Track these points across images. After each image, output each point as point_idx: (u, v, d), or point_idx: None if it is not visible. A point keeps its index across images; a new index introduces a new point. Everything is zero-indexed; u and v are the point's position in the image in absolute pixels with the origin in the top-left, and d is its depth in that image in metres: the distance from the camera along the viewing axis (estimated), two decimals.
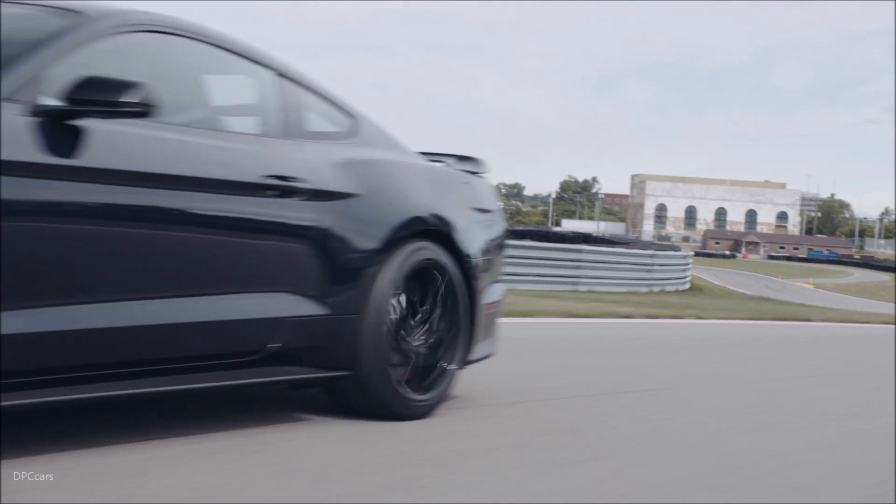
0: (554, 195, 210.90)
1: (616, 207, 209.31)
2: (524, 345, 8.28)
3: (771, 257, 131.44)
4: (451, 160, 5.29)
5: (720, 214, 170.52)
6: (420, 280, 4.54)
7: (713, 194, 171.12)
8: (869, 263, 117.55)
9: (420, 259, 4.50)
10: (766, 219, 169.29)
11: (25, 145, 3.19)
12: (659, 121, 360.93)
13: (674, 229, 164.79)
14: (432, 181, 4.79)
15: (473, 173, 5.25)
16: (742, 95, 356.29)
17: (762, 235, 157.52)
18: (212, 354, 3.84)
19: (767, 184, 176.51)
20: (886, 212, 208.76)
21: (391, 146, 4.82)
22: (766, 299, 29.24)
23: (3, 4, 3.83)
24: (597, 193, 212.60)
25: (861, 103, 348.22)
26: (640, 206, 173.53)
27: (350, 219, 4.26)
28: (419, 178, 4.73)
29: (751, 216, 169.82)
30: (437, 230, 4.60)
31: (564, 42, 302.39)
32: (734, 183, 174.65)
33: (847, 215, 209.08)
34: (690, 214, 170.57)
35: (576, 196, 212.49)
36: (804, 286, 52.00)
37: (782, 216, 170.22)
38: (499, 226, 5.21)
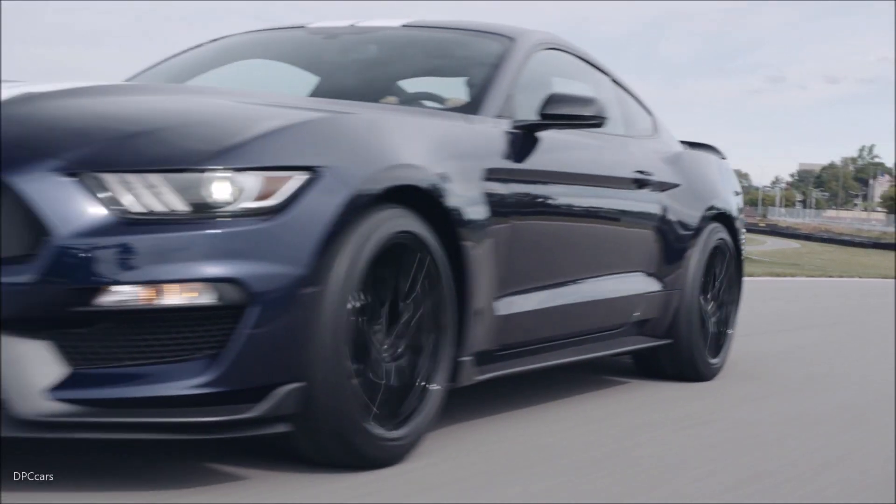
0: None
1: None
2: None
3: None
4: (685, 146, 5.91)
5: None
6: (712, 257, 5.18)
7: None
8: (775, 231, 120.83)
9: (717, 239, 5.16)
10: None
11: (518, 154, 3.76)
12: None
13: None
14: (714, 169, 5.46)
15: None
16: (631, 66, 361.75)
17: None
18: (603, 327, 4.46)
19: None
20: (777, 181, 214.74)
21: (673, 138, 5.45)
22: (797, 265, 31.35)
23: (421, 29, 4.36)
24: None
25: (746, 73, 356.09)
26: None
27: (676, 206, 4.90)
28: (707, 167, 5.39)
29: None
30: (723, 213, 5.26)
31: (453, 12, 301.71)
32: None
33: (745, 184, 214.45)
34: None
35: None
36: None
37: None
38: (740, 206, 5.88)
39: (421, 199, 3.14)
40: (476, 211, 3.40)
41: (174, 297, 2.59)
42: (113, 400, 2.58)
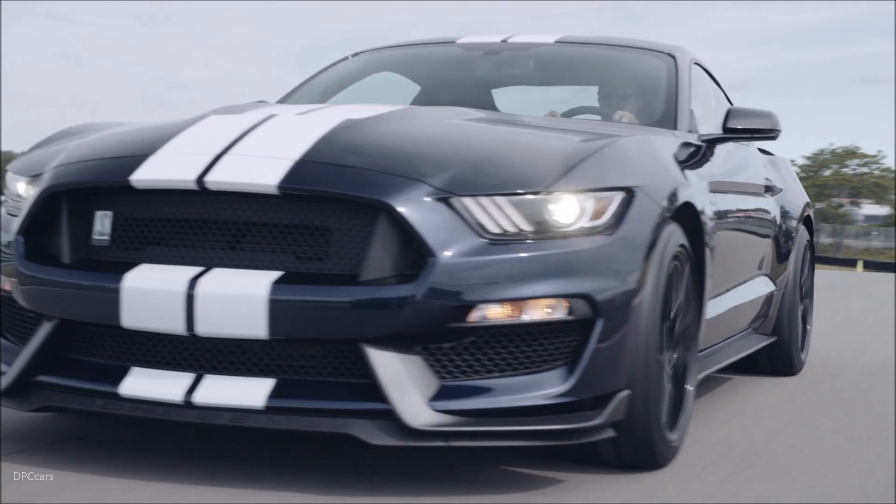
0: None
1: None
2: None
3: None
4: None
5: None
6: (802, 256, 5.47)
7: None
8: None
9: (805, 239, 5.47)
10: None
11: (712, 165, 3.96)
12: None
13: None
14: (791, 172, 5.75)
15: None
16: None
17: None
18: (742, 328, 4.70)
19: None
20: None
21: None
22: None
23: (575, 45, 4.51)
24: None
25: None
26: None
27: (786, 209, 5.20)
28: (788, 170, 5.68)
29: None
30: (808, 215, 5.56)
31: (265, 14, 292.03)
32: None
33: None
34: None
35: None
36: None
37: None
38: None
39: (684, 213, 3.32)
40: (711, 222, 3.63)
41: (533, 312, 2.74)
42: (480, 410, 2.71)
